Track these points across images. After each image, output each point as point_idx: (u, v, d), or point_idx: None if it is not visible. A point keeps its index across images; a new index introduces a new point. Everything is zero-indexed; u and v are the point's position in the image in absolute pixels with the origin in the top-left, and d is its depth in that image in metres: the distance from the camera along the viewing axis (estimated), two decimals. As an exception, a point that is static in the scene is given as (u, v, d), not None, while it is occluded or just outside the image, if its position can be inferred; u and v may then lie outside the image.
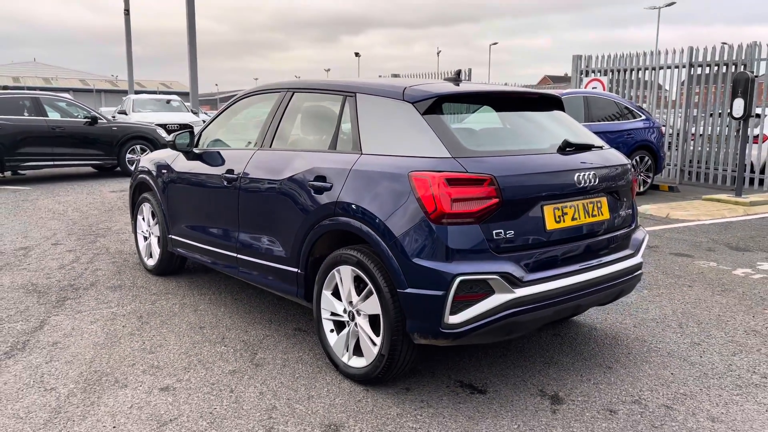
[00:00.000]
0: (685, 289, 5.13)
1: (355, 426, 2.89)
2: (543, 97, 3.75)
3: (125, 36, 33.60)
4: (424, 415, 3.00)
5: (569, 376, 3.46)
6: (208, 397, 3.16)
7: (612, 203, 3.47)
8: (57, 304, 4.56)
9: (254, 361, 3.59)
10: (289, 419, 2.94)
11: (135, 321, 4.22)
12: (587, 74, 13.81)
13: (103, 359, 3.60)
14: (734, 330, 4.20)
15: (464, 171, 2.91)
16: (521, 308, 2.93)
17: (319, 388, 3.26)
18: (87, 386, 3.26)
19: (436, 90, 3.28)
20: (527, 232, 3.04)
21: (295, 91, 4.00)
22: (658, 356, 3.74)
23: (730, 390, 3.31)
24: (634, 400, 3.19)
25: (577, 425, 2.93)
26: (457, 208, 2.87)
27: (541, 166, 3.14)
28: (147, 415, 2.96)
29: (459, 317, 2.86)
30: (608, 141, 9.61)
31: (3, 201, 9.56)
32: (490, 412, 3.03)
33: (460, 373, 3.47)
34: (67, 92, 47.99)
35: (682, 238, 7.11)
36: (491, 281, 2.86)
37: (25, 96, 12.39)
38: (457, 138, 3.09)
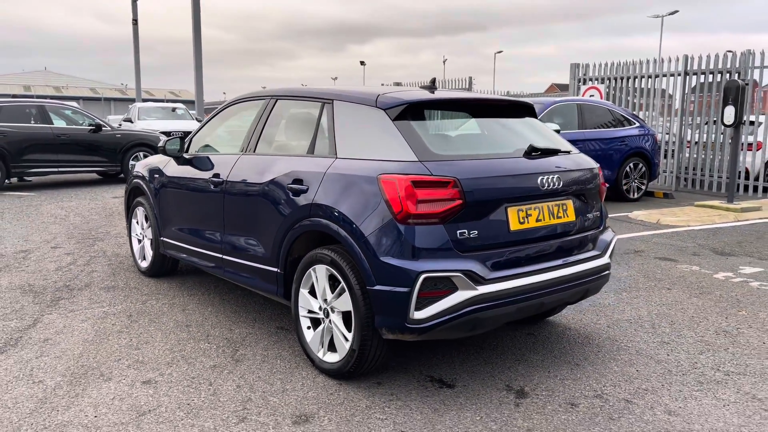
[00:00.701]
0: (664, 291, 5.25)
1: (324, 417, 3.03)
2: (514, 104, 3.90)
3: (133, 45, 34.05)
4: (391, 407, 3.13)
5: (537, 372, 3.59)
6: (188, 389, 3.31)
7: (578, 205, 3.60)
8: (51, 304, 4.73)
9: (235, 357, 3.74)
10: (263, 410, 3.08)
11: (125, 319, 4.38)
12: (585, 82, 13.95)
13: (90, 355, 3.76)
14: (705, 330, 4.31)
15: (429, 174, 3.05)
16: (484, 305, 3.06)
17: (294, 382, 3.40)
18: (73, 379, 3.42)
19: (407, 97, 3.43)
20: (491, 232, 3.18)
21: (278, 99, 4.16)
22: (627, 354, 3.86)
23: (691, 386, 3.43)
24: (596, 395, 3.31)
25: (538, 417, 3.06)
26: (422, 209, 3.02)
27: (505, 169, 3.29)
28: (127, 406, 3.11)
29: (424, 313, 3.00)
30: (602, 148, 9.77)
31: (8, 206, 9.77)
32: (456, 405, 3.17)
33: (432, 369, 3.60)
34: (77, 101, 48.55)
35: (669, 243, 7.21)
36: (454, 278, 3.00)
37: (31, 104, 12.65)
38: (424, 143, 3.24)
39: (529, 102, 3.99)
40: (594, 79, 13.79)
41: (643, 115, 13.01)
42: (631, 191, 10.63)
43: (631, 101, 13.05)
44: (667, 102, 13.02)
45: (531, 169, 3.35)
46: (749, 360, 3.80)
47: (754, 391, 3.38)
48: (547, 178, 3.37)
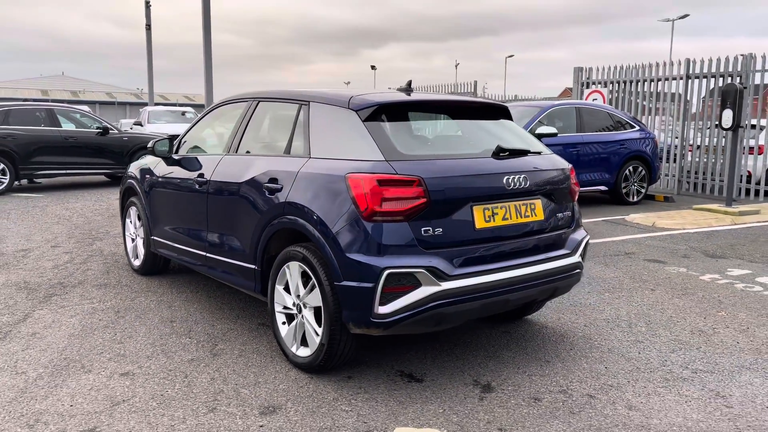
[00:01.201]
0: (647, 292, 5.29)
1: (291, 408, 3.13)
2: (487, 106, 3.98)
3: (146, 49, 34.55)
4: (358, 400, 3.22)
5: (507, 368, 3.66)
6: (163, 381, 3.42)
7: (547, 205, 3.67)
8: (43, 300, 4.87)
9: (213, 351, 3.85)
10: (233, 401, 3.19)
11: (112, 315, 4.51)
12: (588, 86, 13.97)
13: (74, 348, 3.88)
14: (681, 330, 4.36)
15: (394, 173, 3.15)
16: (447, 300, 3.15)
17: (267, 376, 3.50)
18: (55, 371, 3.54)
19: (378, 99, 3.53)
20: (456, 230, 3.26)
21: (260, 101, 4.28)
22: (598, 352, 3.93)
23: (656, 383, 3.49)
24: (561, 390, 3.38)
25: (500, 410, 3.14)
26: (387, 206, 3.11)
27: (471, 169, 3.37)
28: (103, 396, 3.23)
29: (388, 308, 3.09)
30: (600, 151, 9.81)
31: (15, 207, 9.99)
32: (421, 398, 3.25)
33: (404, 364, 3.69)
34: (93, 105, 48.97)
35: (661, 245, 7.24)
36: (418, 274, 3.09)
37: (41, 107, 12.90)
38: (392, 143, 3.33)
39: (505, 105, 4.08)
40: (597, 83, 13.81)
41: (659, 120, 12.94)
42: (631, 194, 10.64)
43: (640, 105, 13.00)
44: (684, 106, 12.78)
45: (497, 169, 3.44)
46: (720, 359, 3.85)
47: (719, 388, 3.43)
48: (514, 178, 3.44)
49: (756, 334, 4.28)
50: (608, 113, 10.69)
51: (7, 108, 12.28)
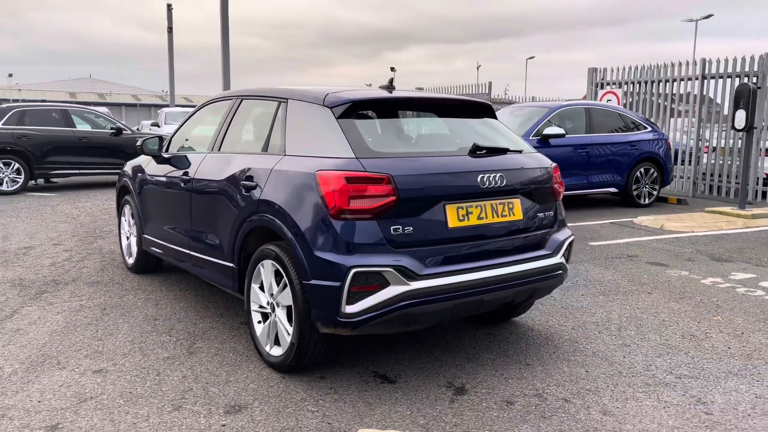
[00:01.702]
0: (644, 295, 5.17)
1: (257, 407, 3.09)
2: (468, 104, 3.92)
3: (168, 52, 35.01)
4: (326, 400, 3.18)
5: (484, 370, 3.59)
6: (135, 379, 3.41)
7: (527, 204, 3.60)
8: (34, 297, 4.91)
9: (191, 349, 3.84)
10: (199, 400, 3.16)
11: (98, 312, 4.53)
12: (602, 87, 13.77)
13: (54, 345, 3.90)
14: (672, 334, 4.24)
15: (363, 170, 3.10)
16: (416, 300, 3.09)
17: (239, 374, 3.48)
18: (30, 367, 3.55)
19: (353, 96, 3.48)
20: (427, 229, 3.20)
21: (243, 99, 4.26)
22: (582, 356, 3.83)
23: (637, 388, 3.39)
24: (536, 394, 3.30)
25: (469, 413, 3.07)
26: (355, 204, 3.06)
27: (444, 167, 3.31)
28: (72, 393, 3.23)
29: (355, 307, 3.04)
30: (610, 153, 9.66)
31: (26, 206, 10.13)
32: (391, 400, 3.20)
33: (379, 365, 3.63)
34: (120, 107, 49.62)
35: (666, 248, 7.08)
36: (386, 273, 3.04)
37: (56, 108, 13.10)
38: (365, 140, 3.29)
39: (488, 102, 4.01)
40: (612, 84, 13.61)
41: (682, 122, 12.68)
42: (642, 197, 10.45)
43: (661, 105, 12.74)
44: (714, 109, 12.45)
45: (471, 167, 3.37)
46: (707, 364, 3.73)
47: (701, 394, 3.32)
48: (489, 177, 3.37)
49: (749, 340, 4.15)
50: (619, 114, 10.51)
51: (23, 108, 12.48)
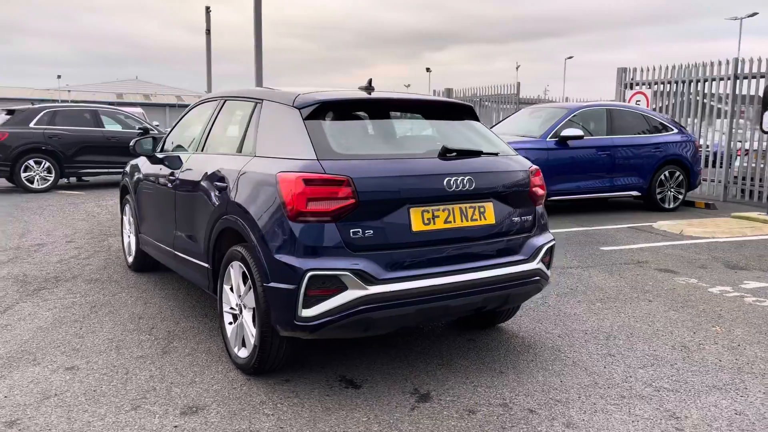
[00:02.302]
0: (643, 303, 4.99)
1: (215, 409, 3.08)
2: (448, 106, 3.84)
3: (206, 53, 35.76)
4: (285, 404, 3.15)
5: (455, 378, 3.51)
6: (103, 377, 3.44)
7: (500, 208, 3.50)
8: (32, 293, 5.03)
9: (166, 348, 3.86)
10: (159, 400, 3.17)
11: (87, 310, 4.60)
12: (632, 87, 13.42)
13: (36, 341, 3.97)
14: (662, 344, 4.08)
15: (323, 172, 3.06)
16: (375, 305, 3.03)
17: (206, 375, 3.48)
18: (7, 362, 3.62)
19: (321, 97, 3.45)
20: (390, 232, 3.14)
21: (226, 100, 4.27)
22: (561, 365, 3.71)
23: (609, 400, 3.26)
24: (502, 403, 3.20)
25: (427, 422, 3.00)
26: (313, 207, 3.03)
27: (408, 169, 3.24)
28: (39, 389, 3.28)
29: (312, 311, 3.01)
30: (632, 155, 9.42)
31: (53, 204, 10.42)
32: (350, 405, 3.15)
33: (348, 369, 3.59)
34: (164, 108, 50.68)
35: (680, 254, 6.84)
36: (343, 277, 2.99)
37: (86, 108, 13.45)
38: (329, 142, 3.25)
39: (469, 104, 3.92)
40: (641, 84, 13.25)
41: (714, 124, 12.27)
42: (667, 200, 10.13)
43: (708, 105, 12.32)
44: (732, 108, 11.99)
45: (437, 170, 3.29)
46: (692, 377, 3.57)
47: (676, 409, 3.18)
48: (456, 180, 3.29)
49: (744, 352, 3.96)
50: (643, 115, 10.22)
51: (55, 109, 12.86)
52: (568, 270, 6.05)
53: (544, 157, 8.99)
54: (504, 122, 10.83)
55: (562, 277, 5.77)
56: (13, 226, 8.17)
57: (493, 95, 17.50)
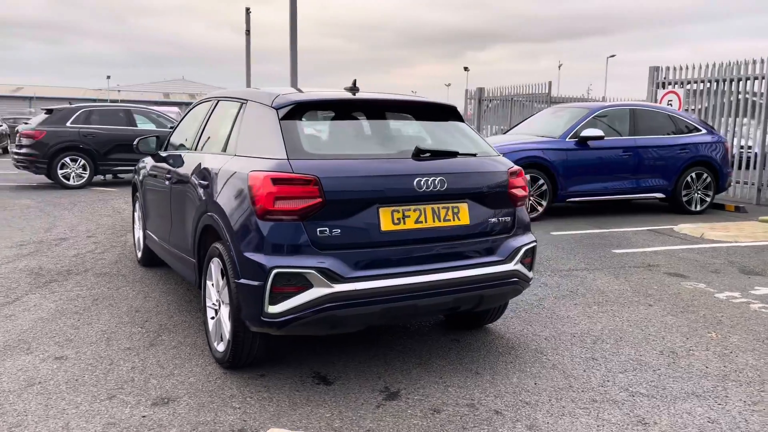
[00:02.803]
0: (642, 307, 4.90)
1: (185, 401, 3.17)
2: (429, 106, 3.85)
3: (245, 53, 36.39)
4: (254, 398, 3.22)
5: (429, 377, 3.52)
6: (88, 367, 3.58)
7: (476, 209, 3.50)
8: (42, 285, 5.24)
9: (154, 341, 3.98)
10: (135, 390, 3.28)
11: (89, 302, 4.77)
12: (664, 86, 13.11)
13: (34, 331, 4.14)
14: (651, 349, 4.00)
15: (290, 171, 3.12)
16: (340, 303, 3.08)
17: (185, 368, 3.58)
18: (1, 351, 3.79)
19: (298, 98, 3.51)
20: (358, 231, 3.18)
21: (219, 100, 4.38)
22: (539, 367, 3.69)
23: (580, 403, 3.23)
24: (469, 404, 3.21)
25: (389, 419, 3.02)
26: (280, 205, 3.09)
27: (377, 170, 3.27)
28: (25, 377, 3.43)
29: (278, 307, 3.07)
30: (657, 156, 9.26)
31: (84, 200, 10.79)
32: (317, 401, 3.20)
33: (324, 366, 3.64)
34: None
35: (695, 258, 6.67)
36: (308, 275, 3.04)
37: (120, 108, 13.88)
38: (301, 141, 3.30)
39: (452, 105, 3.93)
40: (674, 83, 12.93)
41: (749, 123, 11.88)
42: (693, 203, 9.86)
43: (725, 106, 11.99)
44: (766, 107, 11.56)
45: (408, 171, 3.31)
46: (672, 383, 3.50)
47: (647, 415, 3.12)
48: (427, 180, 3.30)
49: (734, 360, 3.86)
50: (669, 115, 9.98)
51: (90, 109, 13.30)
52: (573, 272, 5.97)
53: (563, 158, 8.88)
54: (525, 122, 10.72)
55: (565, 279, 5.70)
56: (42, 221, 8.50)
57: (524, 94, 17.31)
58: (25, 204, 10.22)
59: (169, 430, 2.89)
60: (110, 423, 2.94)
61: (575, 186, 9.00)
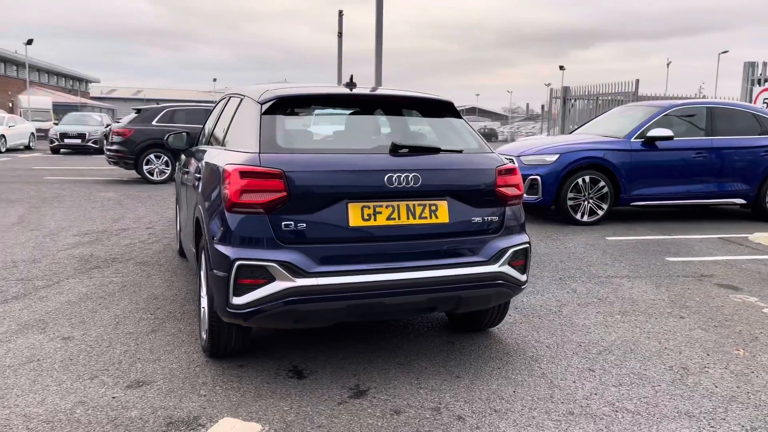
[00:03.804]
0: (672, 319, 4.55)
1: (158, 386, 3.28)
2: (420, 101, 3.76)
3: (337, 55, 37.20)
4: (222, 387, 3.27)
5: (406, 377, 3.45)
6: (86, 348, 3.78)
7: (456, 207, 3.38)
8: (85, 271, 5.59)
9: (156, 328, 4.14)
10: (117, 372, 3.43)
11: (117, 288, 5.04)
12: (760, 83, 12.11)
13: (57, 312, 4.43)
14: (660, 364, 3.71)
15: (258, 165, 3.15)
16: (302, 297, 3.07)
17: (173, 354, 3.70)
18: (21, 329, 4.08)
19: (282, 93, 3.53)
20: (325, 226, 3.16)
21: (231, 97, 4.49)
22: (526, 375, 3.51)
23: (552, 415, 3.05)
24: (434, 407, 3.11)
25: (344, 416, 2.99)
26: (247, 198, 3.12)
27: (346, 165, 3.23)
28: (28, 354, 3.67)
29: (242, 299, 3.11)
30: (736, 158, 8.71)
31: (160, 194, 11.42)
32: (281, 394, 3.21)
33: (305, 360, 3.64)
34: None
35: (758, 270, 6.11)
36: (270, 268, 3.06)
37: (203, 108, 14.55)
38: (275, 136, 3.33)
39: (448, 100, 3.82)
40: (771, 81, 11.92)
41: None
42: (773, 211, 9.03)
43: None
44: None
45: (378, 166, 3.25)
46: (668, 401, 3.23)
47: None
48: (399, 177, 3.23)
49: (752, 381, 3.50)
50: (755, 114, 9.19)
51: (174, 108, 14.04)
52: (611, 279, 5.64)
53: (627, 160, 8.41)
54: (592, 122, 10.24)
55: (598, 286, 5.40)
56: (114, 212, 9.08)
57: (610, 93, 16.53)
58: (108, 197, 10.95)
59: (131, 411, 3.00)
60: (81, 402, 3.09)
61: (640, 189, 8.49)
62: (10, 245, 6.65)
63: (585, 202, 8.43)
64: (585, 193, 8.40)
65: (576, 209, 8.42)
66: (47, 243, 6.81)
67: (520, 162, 8.58)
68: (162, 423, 2.90)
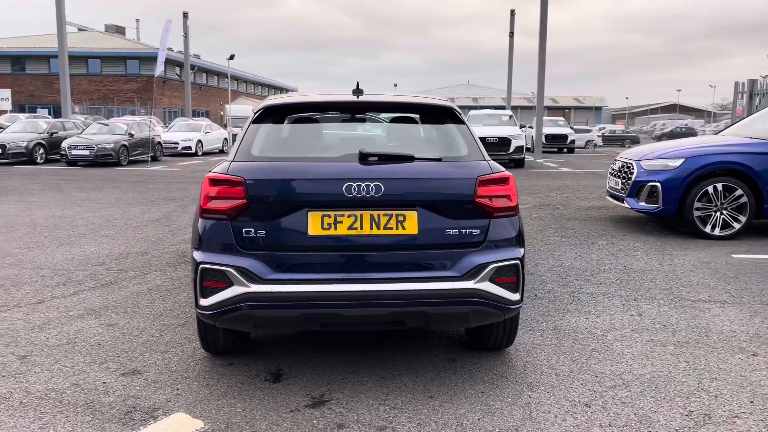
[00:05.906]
0: (738, 357, 3.87)
1: (147, 376, 3.53)
2: (416, 107, 3.63)
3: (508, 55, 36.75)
4: (198, 384, 3.44)
5: (377, 392, 3.35)
6: (120, 335, 4.18)
7: (428, 219, 3.20)
8: (174, 265, 6.15)
9: (186, 322, 4.43)
10: (125, 360, 3.75)
11: (146, 291, 5.26)
12: None
13: (123, 301, 4.94)
14: (677, 407, 3.19)
15: (225, 173, 3.27)
16: (256, 303, 3.13)
17: (180, 349, 3.95)
18: (84, 313, 4.63)
19: (274, 102, 3.62)
20: (284, 234, 3.18)
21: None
22: (507, 404, 3.22)
23: (500, 451, 2.78)
24: (381, 426, 2.99)
25: (287, 425, 2.99)
26: (213, 205, 3.25)
27: (307, 173, 3.21)
28: (70, 337, 4.14)
29: (207, 301, 3.25)
30: None
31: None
32: (244, 395, 3.29)
33: (292, 365, 3.68)
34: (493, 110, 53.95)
35: None
36: (228, 273, 3.16)
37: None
38: (253, 144, 3.42)
39: (448, 105, 3.63)
40: None
41: None
42: None
43: None
44: None
45: (338, 175, 3.18)
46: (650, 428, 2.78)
47: (566, 480, 2.56)
48: (360, 185, 3.14)
49: (747, 422, 2.88)
50: None
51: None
52: (698, 304, 4.92)
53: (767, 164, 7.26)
54: (743, 121, 8.95)
55: (674, 310, 4.75)
56: (186, 217, 9.30)
57: None
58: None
59: (107, 397, 3.28)
60: (76, 384, 3.45)
61: (786, 199, 7.27)
62: (136, 239, 7.52)
63: (717, 213, 7.41)
64: (717, 202, 7.39)
65: (705, 221, 7.45)
66: (167, 238, 7.59)
67: (639, 167, 7.80)
68: (123, 411, 3.13)
